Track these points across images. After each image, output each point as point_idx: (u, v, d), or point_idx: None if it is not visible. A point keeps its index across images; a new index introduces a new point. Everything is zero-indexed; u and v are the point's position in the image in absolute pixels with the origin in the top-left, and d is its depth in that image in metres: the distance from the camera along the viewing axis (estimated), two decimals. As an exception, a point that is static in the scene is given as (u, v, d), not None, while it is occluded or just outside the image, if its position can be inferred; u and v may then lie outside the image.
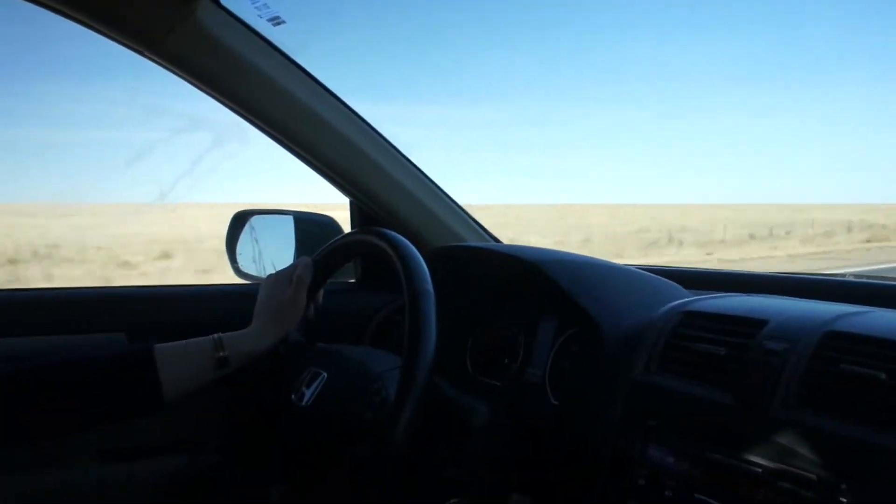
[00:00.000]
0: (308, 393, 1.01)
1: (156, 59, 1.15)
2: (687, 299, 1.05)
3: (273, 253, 1.58)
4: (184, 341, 1.08)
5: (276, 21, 1.17)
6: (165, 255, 14.02)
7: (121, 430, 1.22)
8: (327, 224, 1.55)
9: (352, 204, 1.50)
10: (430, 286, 0.93)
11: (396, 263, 0.96)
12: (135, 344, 1.31)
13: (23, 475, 1.24)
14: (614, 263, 1.26)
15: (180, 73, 1.17)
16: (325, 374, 1.01)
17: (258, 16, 1.17)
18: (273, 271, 1.59)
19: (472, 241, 1.50)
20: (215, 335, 1.09)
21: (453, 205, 1.50)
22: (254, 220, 1.62)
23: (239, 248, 1.61)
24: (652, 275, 1.22)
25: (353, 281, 1.60)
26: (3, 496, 1.22)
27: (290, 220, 1.54)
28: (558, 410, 1.07)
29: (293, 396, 1.03)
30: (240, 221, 1.62)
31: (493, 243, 1.52)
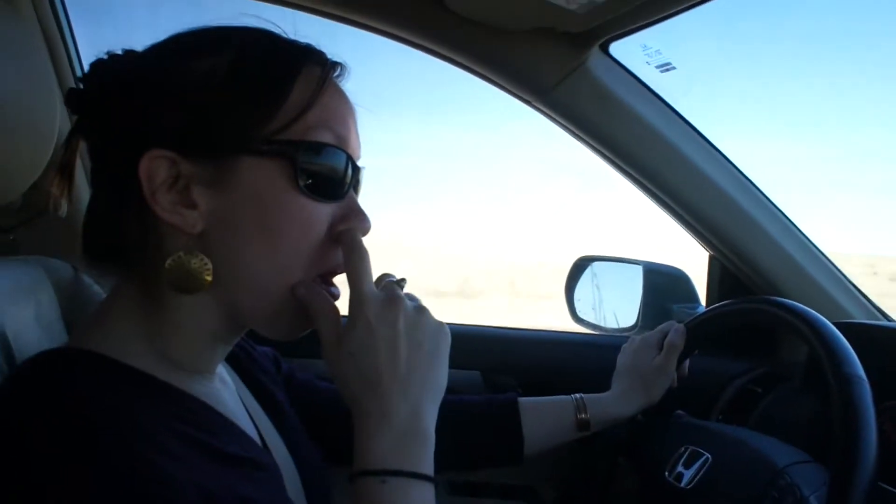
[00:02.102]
0: (688, 474, 0.92)
1: (543, 108, 1.17)
2: None
3: (616, 302, 1.53)
4: (545, 398, 1.07)
5: (666, 68, 1.12)
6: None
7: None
8: (679, 278, 1.46)
9: (712, 260, 1.39)
10: (862, 373, 0.79)
11: (814, 343, 0.84)
12: (489, 382, 1.35)
13: None
14: None
15: (564, 123, 1.18)
16: (709, 456, 0.92)
17: (646, 62, 1.13)
18: (614, 321, 1.55)
19: (860, 317, 1.28)
20: (576, 395, 1.06)
21: (834, 269, 1.30)
22: (596, 265, 1.59)
23: (577, 294, 1.59)
24: None
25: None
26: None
27: (638, 269, 1.47)
28: None
29: (667, 474, 0.95)
30: (581, 266, 1.60)
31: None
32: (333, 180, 0.64)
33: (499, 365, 1.37)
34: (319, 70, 0.65)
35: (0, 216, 1.00)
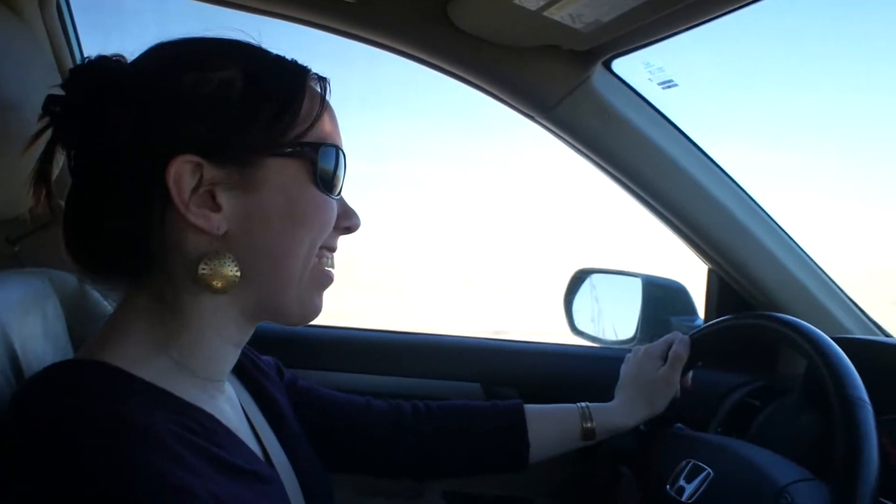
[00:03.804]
0: (689, 488, 0.93)
1: (546, 124, 1.18)
2: None
3: (614, 314, 1.54)
4: (551, 406, 1.08)
5: (668, 85, 1.13)
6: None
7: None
8: (678, 290, 1.47)
9: (710, 273, 1.40)
10: (865, 395, 0.80)
11: (818, 363, 0.85)
12: (489, 394, 1.36)
13: (373, 501, 1.34)
14: None
15: (566, 138, 1.19)
16: (711, 471, 0.92)
17: (649, 79, 1.15)
18: (613, 333, 1.56)
19: (859, 334, 1.30)
20: (582, 404, 1.07)
21: (832, 285, 1.32)
22: (595, 278, 1.60)
23: (576, 306, 1.60)
24: None
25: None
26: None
27: (637, 282, 1.49)
28: None
29: (668, 488, 0.96)
30: (579, 279, 1.61)
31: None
32: (338, 178, 0.71)
33: (499, 377, 1.37)
34: (317, 84, 0.71)
35: (5, 227, 1.01)
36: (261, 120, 0.65)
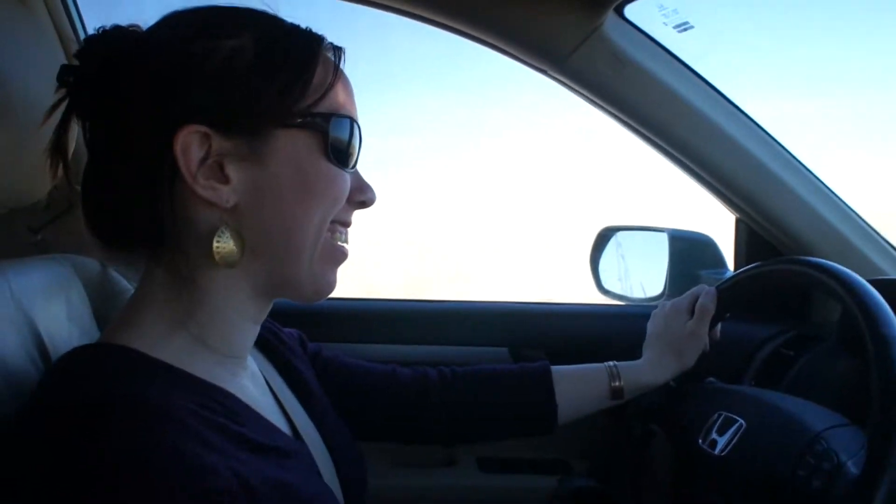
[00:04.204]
0: (721, 441, 0.91)
1: (559, 77, 1.15)
2: None
3: (642, 271, 1.52)
4: (578, 366, 1.06)
5: (684, 27, 1.09)
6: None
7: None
8: (706, 244, 1.44)
9: (738, 223, 1.36)
10: None
11: (849, 303, 0.82)
12: (517, 358, 1.35)
13: (407, 471, 1.35)
14: None
15: (580, 90, 1.16)
16: (743, 422, 0.90)
17: (664, 23, 1.11)
18: (641, 291, 1.54)
19: (895, 275, 1.25)
20: (610, 363, 1.06)
21: (864, 225, 1.27)
22: (620, 235, 1.57)
23: (602, 265, 1.58)
24: None
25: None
26: (392, 488, 1.34)
27: (663, 237, 1.45)
28: None
29: (700, 441, 0.94)
30: (604, 237, 1.59)
31: None
32: (352, 151, 0.69)
33: (526, 340, 1.36)
34: (331, 54, 0.69)
35: (27, 216, 1.02)
36: (271, 89, 0.63)
